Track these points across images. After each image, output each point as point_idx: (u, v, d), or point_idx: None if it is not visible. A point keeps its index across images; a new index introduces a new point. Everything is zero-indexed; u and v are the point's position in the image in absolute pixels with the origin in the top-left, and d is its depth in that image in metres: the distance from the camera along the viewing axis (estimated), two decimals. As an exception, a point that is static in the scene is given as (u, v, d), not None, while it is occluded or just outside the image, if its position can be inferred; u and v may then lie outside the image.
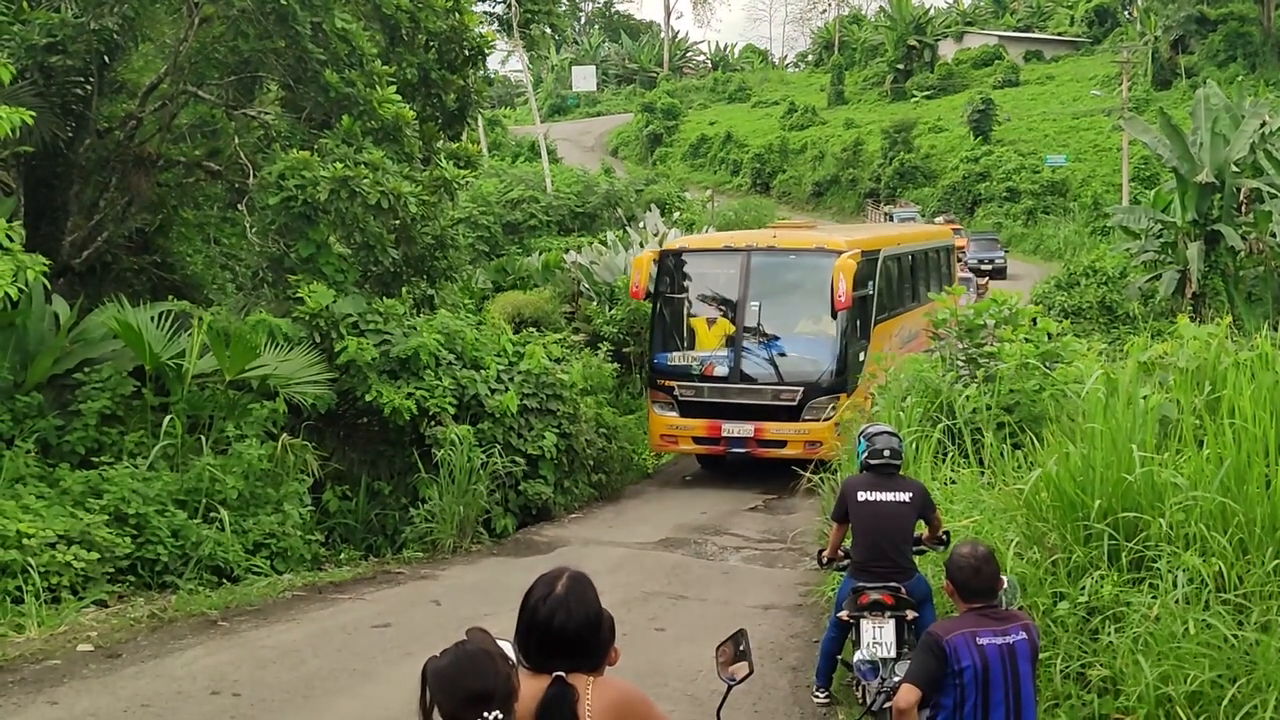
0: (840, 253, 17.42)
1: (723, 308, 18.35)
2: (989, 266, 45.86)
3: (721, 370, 17.85)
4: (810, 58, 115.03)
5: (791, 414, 17.39)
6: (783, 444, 17.27)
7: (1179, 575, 7.07)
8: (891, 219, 58.95)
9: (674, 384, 18.06)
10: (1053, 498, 8.18)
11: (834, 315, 17.53)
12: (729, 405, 17.68)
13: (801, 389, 17.43)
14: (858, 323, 18.16)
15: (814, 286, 17.76)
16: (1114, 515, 7.69)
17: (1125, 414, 8.56)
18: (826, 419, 17.13)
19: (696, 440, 18.09)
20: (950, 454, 11.33)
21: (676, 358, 18.27)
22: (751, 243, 18.87)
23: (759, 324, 17.88)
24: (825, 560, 8.82)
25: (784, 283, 18.38)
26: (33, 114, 11.41)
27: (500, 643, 3.53)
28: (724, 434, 17.70)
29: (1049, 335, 13.18)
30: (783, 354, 17.81)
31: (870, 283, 18.56)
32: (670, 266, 18.93)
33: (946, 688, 5.07)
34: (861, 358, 18.04)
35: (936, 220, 56.27)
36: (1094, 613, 7.25)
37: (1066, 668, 7.10)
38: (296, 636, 10.19)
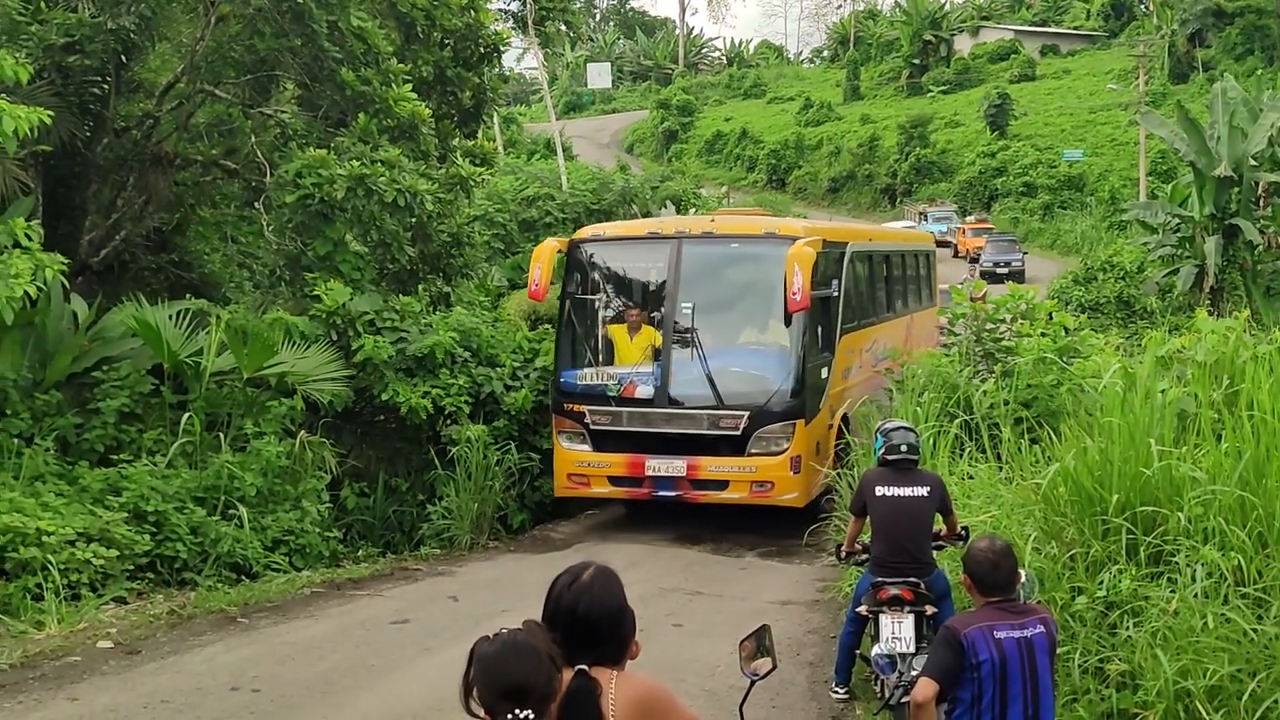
0: (795, 239, 13.77)
1: (647, 311, 14.67)
2: (1004, 270, 43.61)
3: (645, 391, 14.08)
4: (826, 53, 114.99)
5: (734, 446, 13.76)
6: (723, 484, 13.79)
7: (1198, 569, 7.05)
8: (925, 218, 58.71)
9: (584, 409, 14.23)
10: (1071, 492, 8.17)
11: (787, 320, 13.89)
12: (654, 436, 13.98)
13: (746, 414, 13.71)
14: (819, 330, 14.55)
15: (762, 283, 14.45)
16: (1132, 510, 7.68)
17: (1143, 408, 8.55)
18: (779, 452, 13.66)
19: (614, 481, 14.23)
20: (968, 449, 11.32)
21: (588, 376, 14.44)
22: (683, 229, 15.14)
23: (693, 332, 14.01)
24: (843, 554, 8.81)
25: (725, 279, 14.96)
26: (51, 114, 11.45)
27: None
28: (648, 472, 13.92)
29: (1066, 330, 13.18)
30: (723, 370, 14.05)
31: (835, 282, 15.07)
32: (581, 259, 15.07)
33: (964, 681, 5.07)
34: (824, 375, 14.60)
35: (968, 219, 55.93)
36: (1112, 607, 7.24)
37: (1085, 662, 7.09)
38: (315, 633, 10.23)
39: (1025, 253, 49.73)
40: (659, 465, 13.91)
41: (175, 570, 11.45)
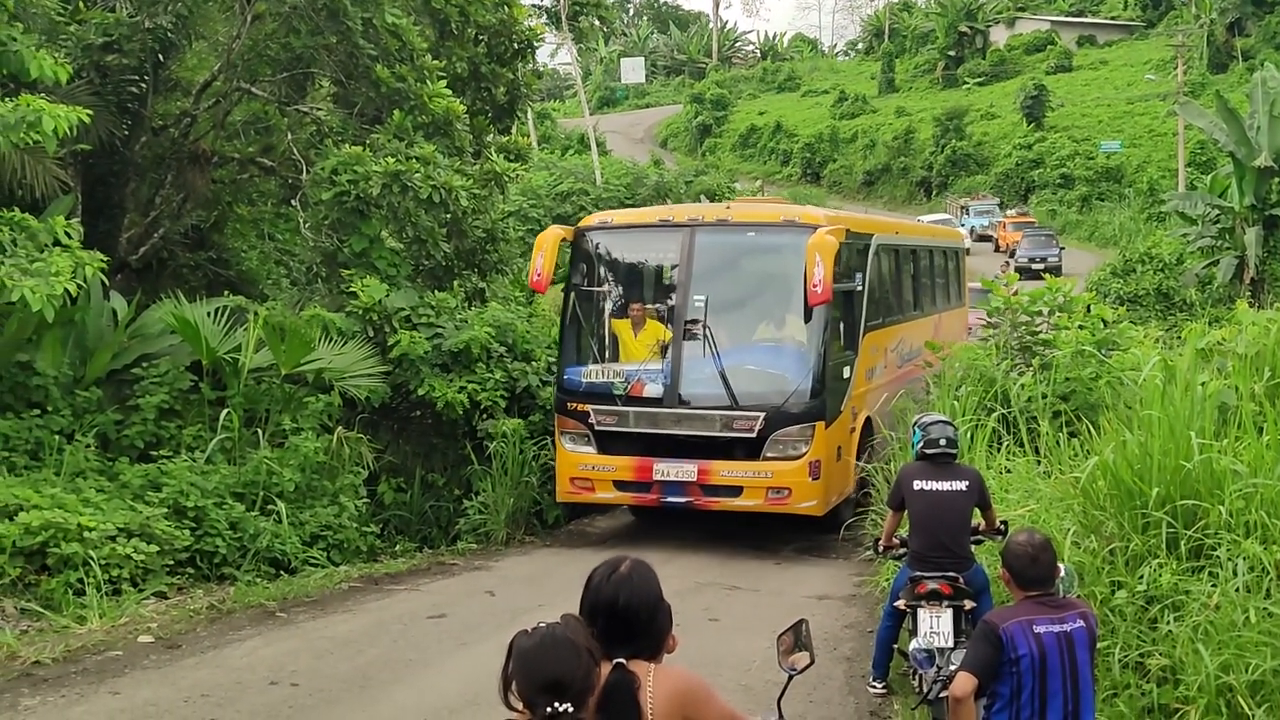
0: (816, 228, 13.00)
1: (657, 305, 13.94)
2: (1040, 266, 41.64)
3: (654, 390, 13.22)
4: (860, 45, 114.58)
5: (749, 450, 12.92)
6: (737, 491, 12.99)
7: (1239, 563, 7.00)
8: (967, 212, 58.27)
9: (589, 409, 13.42)
10: (1110, 486, 8.11)
11: (808, 315, 13.03)
12: (663, 438, 13.15)
13: (762, 415, 12.83)
14: (841, 327, 13.72)
15: (781, 275, 13.56)
16: (1172, 503, 7.62)
17: (1183, 401, 8.49)
18: (796, 457, 12.80)
19: (619, 485, 13.43)
20: (1005, 443, 11.25)
21: (593, 373, 13.63)
22: (696, 217, 14.13)
23: (705, 326, 13.11)
24: (881, 549, 8.79)
25: (741, 270, 14.13)
26: (90, 113, 11.56)
27: None
28: (656, 476, 13.09)
29: (1105, 322, 13.09)
30: (737, 367, 13.15)
31: (859, 275, 14.25)
32: (588, 249, 14.26)
33: (1003, 676, 5.04)
34: (847, 374, 13.74)
35: (1009, 213, 55.12)
36: (1153, 601, 7.18)
37: (1125, 657, 7.04)
38: (353, 627, 10.28)
39: (1063, 248, 48.48)
40: (668, 469, 13.07)
41: (214, 565, 11.53)
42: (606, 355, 13.86)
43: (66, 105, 11.12)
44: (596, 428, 13.40)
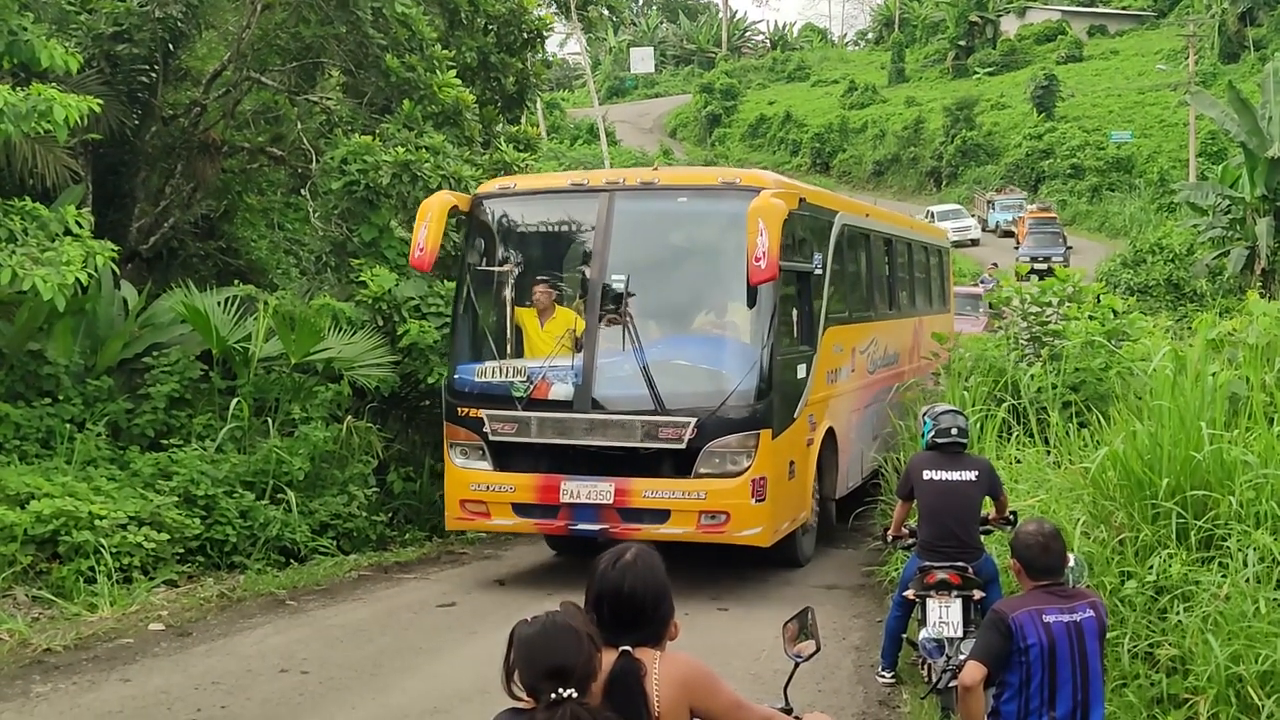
0: (760, 191, 10.74)
1: (568, 288, 11.63)
2: (1044, 265, 35.78)
3: (562, 391, 10.89)
4: (870, 35, 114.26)
5: (678, 465, 10.64)
6: (663, 515, 10.62)
7: (1249, 554, 7.00)
8: (993, 207, 57.67)
9: (483, 415, 11.07)
10: (1120, 476, 8.11)
11: (751, 299, 10.77)
12: (573, 450, 10.84)
13: (693, 422, 10.49)
14: (795, 315, 11.54)
15: (718, 249, 11.48)
16: (1182, 493, 7.62)
17: (1194, 391, 8.49)
18: (736, 473, 10.53)
19: (519, 510, 11.05)
20: (1015, 433, 11.25)
21: (488, 371, 11.24)
22: (617, 180, 11.84)
23: (626, 314, 10.75)
24: (890, 538, 8.79)
25: (670, 244, 11.85)
26: (100, 102, 11.58)
27: None
28: (564, 499, 10.78)
29: (1115, 313, 13.09)
30: (664, 363, 10.83)
31: (819, 257, 11.99)
32: (487, 221, 11.91)
33: (1012, 665, 5.05)
34: (801, 374, 11.48)
35: (1030, 208, 53.83)
36: (1162, 592, 7.18)
37: (1134, 647, 7.04)
38: (363, 615, 10.32)
39: (1069, 246, 45.70)
40: (578, 489, 10.74)
41: (225, 553, 11.57)
42: (508, 350, 11.41)
43: (77, 95, 11.14)
44: (491, 438, 11.07)
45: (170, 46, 15.00)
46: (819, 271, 11.98)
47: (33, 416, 11.80)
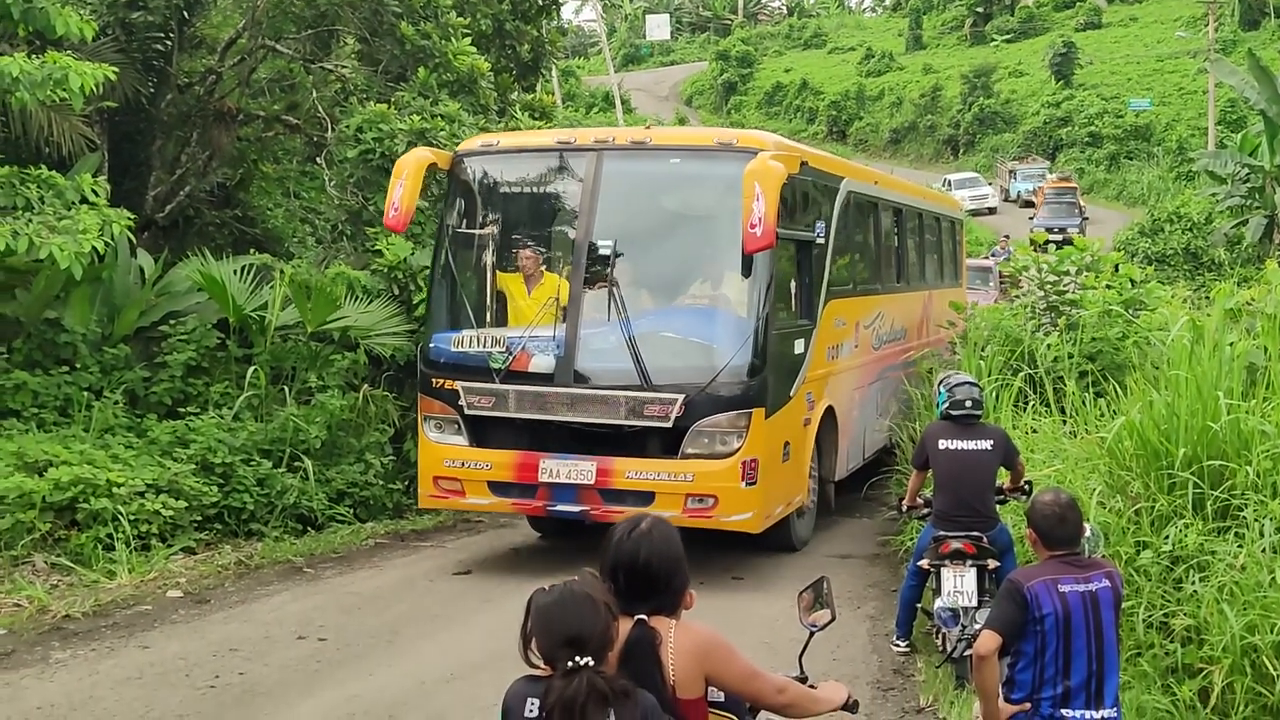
0: (758, 153, 10.11)
1: (550, 252, 11.18)
2: (1059, 237, 31.43)
3: (542, 363, 10.34)
4: (887, 2, 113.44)
5: (665, 444, 10.11)
6: (648, 498, 9.96)
7: (1266, 524, 6.98)
8: (1015, 176, 57.12)
9: (458, 388, 10.55)
10: (1136, 446, 8.09)
11: (746, 268, 10.18)
12: (554, 427, 10.32)
13: (681, 399, 9.94)
14: (793, 287, 11.10)
15: (712, 214, 10.93)
16: (1199, 463, 7.59)
17: (1211, 361, 8.45)
18: (726, 454, 10.02)
19: (495, 489, 10.55)
20: (1031, 403, 11.22)
21: (465, 340, 10.66)
22: (606, 139, 11.13)
23: (612, 282, 10.21)
24: (905, 508, 8.80)
25: (661, 207, 11.21)
26: (115, 70, 11.56)
27: None
28: (542, 478, 10.29)
29: (1132, 282, 13.02)
30: (651, 335, 10.24)
31: (821, 224, 11.44)
32: (468, 181, 11.37)
33: (1027, 635, 5.05)
34: (799, 349, 10.98)
35: (1050, 178, 53.04)
36: (1178, 562, 7.17)
37: (1150, 617, 7.04)
38: (380, 583, 10.37)
39: (1086, 217, 44.84)
40: (557, 468, 10.23)
41: (242, 521, 11.63)
42: (488, 318, 10.98)
43: (92, 62, 11.13)
44: (467, 412, 10.53)
45: (185, 14, 15.00)
46: (821, 240, 11.47)
47: (50, 384, 11.85)
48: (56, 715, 7.25)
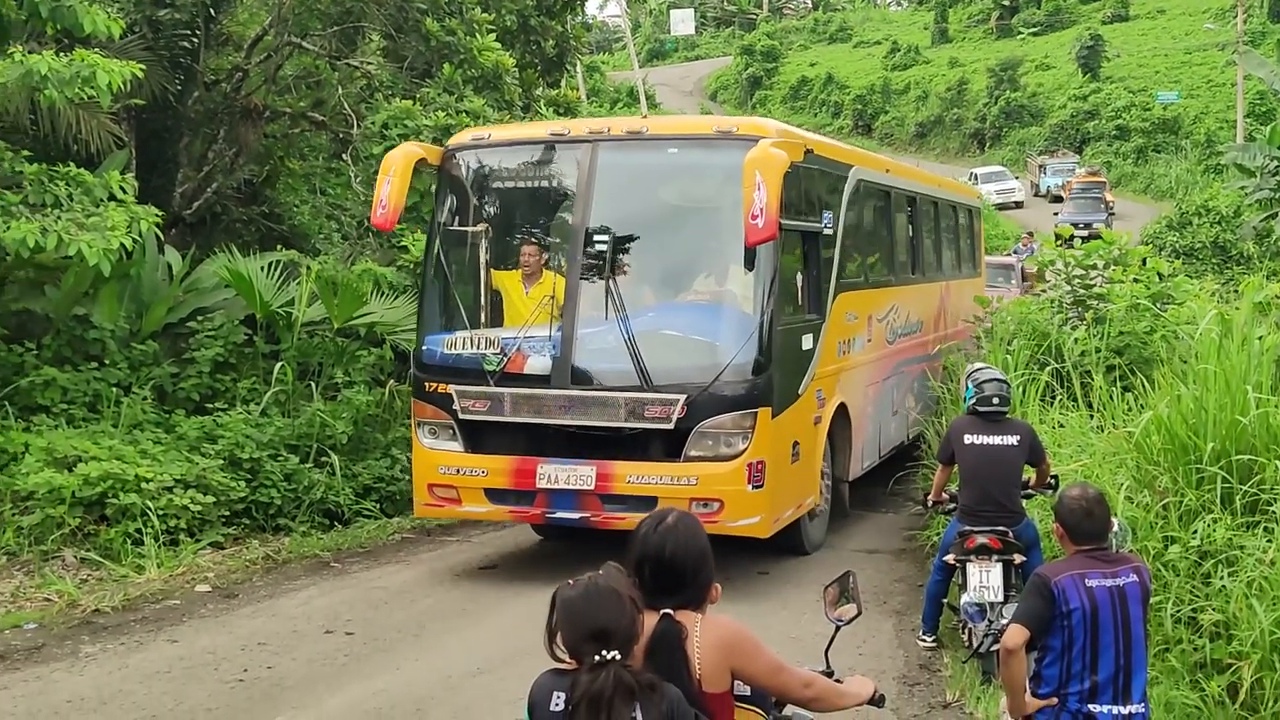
0: (760, 140, 9.58)
1: (546, 249, 10.67)
2: (1085, 233, 28.63)
3: (539, 364, 9.92)
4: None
5: (667, 446, 9.66)
6: (649, 503, 8.87)
7: (1295, 519, 6.93)
8: (1045, 171, 56.66)
9: (452, 391, 10.14)
10: (1164, 440, 8.04)
11: (749, 261, 9.75)
12: (551, 431, 9.88)
13: (683, 399, 9.51)
14: (800, 281, 10.57)
15: (713, 208, 10.44)
16: (1227, 458, 7.55)
17: (1240, 355, 8.39)
18: (730, 456, 9.58)
19: (492, 496, 10.14)
20: (1058, 397, 11.17)
21: (459, 342, 10.27)
22: (602, 130, 10.83)
23: (610, 278, 9.84)
24: (930, 503, 8.78)
25: (659, 201, 10.70)
26: (143, 67, 11.64)
27: None
28: (540, 484, 9.88)
29: (1160, 276, 12.93)
30: (652, 334, 9.82)
31: (829, 214, 11.11)
32: (460, 176, 10.91)
33: (1055, 629, 5.03)
34: (808, 345, 10.53)
35: (1078, 172, 51.80)
36: (1206, 556, 7.13)
37: (1177, 612, 7.00)
38: (406, 577, 10.41)
39: (1113, 211, 43.65)
40: (556, 473, 9.83)
41: (270, 516, 11.69)
42: (483, 318, 10.51)
43: (120, 60, 11.20)
44: (462, 416, 10.13)
45: (211, 11, 15.06)
46: (829, 231, 11.09)
47: (79, 380, 11.94)
48: (86, 708, 7.31)
